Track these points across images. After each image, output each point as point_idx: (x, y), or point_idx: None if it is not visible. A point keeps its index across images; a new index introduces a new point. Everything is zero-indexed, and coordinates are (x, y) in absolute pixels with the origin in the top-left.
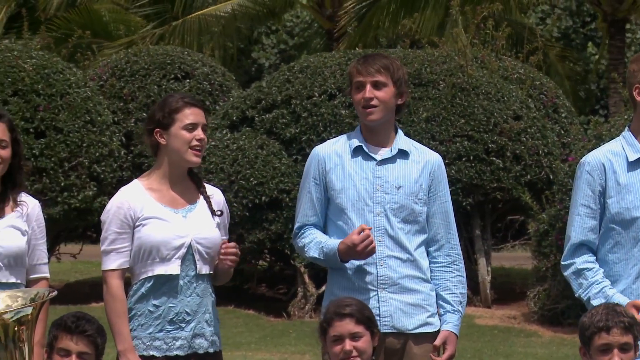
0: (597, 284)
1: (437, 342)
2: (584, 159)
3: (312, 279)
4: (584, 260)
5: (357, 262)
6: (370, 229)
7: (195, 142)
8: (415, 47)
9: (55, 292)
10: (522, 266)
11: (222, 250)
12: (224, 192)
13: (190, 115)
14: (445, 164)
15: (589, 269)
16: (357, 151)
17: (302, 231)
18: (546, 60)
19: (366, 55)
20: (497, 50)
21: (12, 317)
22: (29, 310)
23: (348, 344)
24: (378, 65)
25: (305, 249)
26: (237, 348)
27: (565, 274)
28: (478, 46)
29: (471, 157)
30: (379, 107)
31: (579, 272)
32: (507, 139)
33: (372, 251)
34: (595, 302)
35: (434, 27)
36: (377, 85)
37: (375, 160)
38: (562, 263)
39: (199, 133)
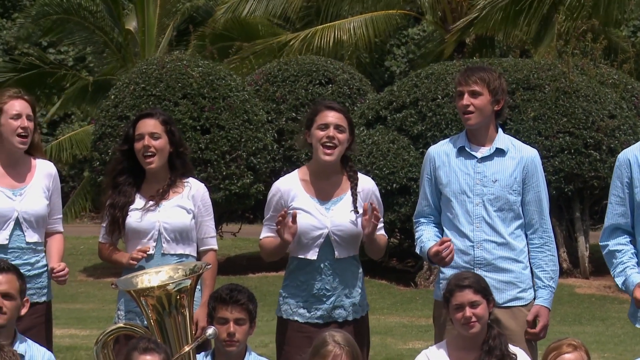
0: (622, 264)
1: (530, 317)
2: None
3: None
4: (616, 243)
5: (458, 244)
6: (449, 240)
7: (324, 140)
8: (525, 56)
9: (210, 265)
10: None
11: (366, 216)
12: None
13: (325, 116)
14: (549, 157)
15: (619, 251)
16: (461, 151)
17: (417, 225)
18: (637, 67)
19: (467, 67)
20: (594, 59)
21: (174, 288)
22: (188, 281)
23: (468, 311)
24: (475, 77)
25: (415, 243)
26: (371, 313)
27: (603, 253)
28: (578, 55)
29: (572, 150)
30: (475, 112)
31: (610, 253)
32: (603, 135)
33: (450, 261)
34: (618, 280)
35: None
36: (474, 94)
37: (476, 158)
38: (600, 244)
39: (329, 131)
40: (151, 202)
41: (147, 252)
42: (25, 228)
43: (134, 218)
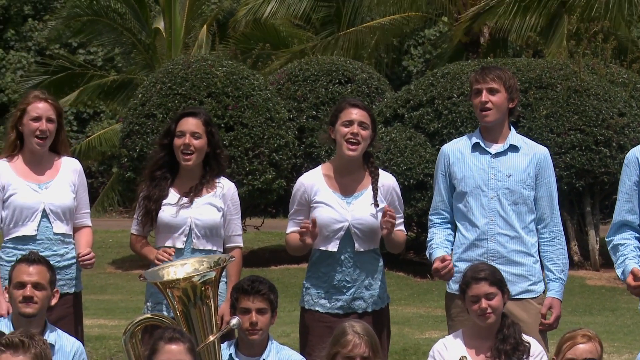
0: (623, 256)
1: (543, 310)
2: None
3: None
4: (620, 237)
5: (472, 237)
6: (450, 259)
7: (349, 136)
8: (537, 56)
9: (234, 258)
10: None
11: (384, 219)
12: None
13: (349, 113)
14: (561, 153)
15: (622, 244)
16: (475, 147)
17: (431, 225)
18: None
19: (483, 66)
20: (605, 59)
21: (199, 280)
22: (212, 273)
23: (484, 303)
24: (493, 74)
25: (426, 245)
26: (390, 304)
27: (608, 248)
28: (589, 56)
29: (583, 147)
30: (493, 109)
31: (615, 247)
32: (613, 132)
33: (449, 278)
34: (618, 271)
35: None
36: (491, 91)
37: (490, 153)
38: (606, 239)
39: (353, 128)
40: (185, 199)
41: (177, 247)
42: (52, 219)
43: (168, 213)
